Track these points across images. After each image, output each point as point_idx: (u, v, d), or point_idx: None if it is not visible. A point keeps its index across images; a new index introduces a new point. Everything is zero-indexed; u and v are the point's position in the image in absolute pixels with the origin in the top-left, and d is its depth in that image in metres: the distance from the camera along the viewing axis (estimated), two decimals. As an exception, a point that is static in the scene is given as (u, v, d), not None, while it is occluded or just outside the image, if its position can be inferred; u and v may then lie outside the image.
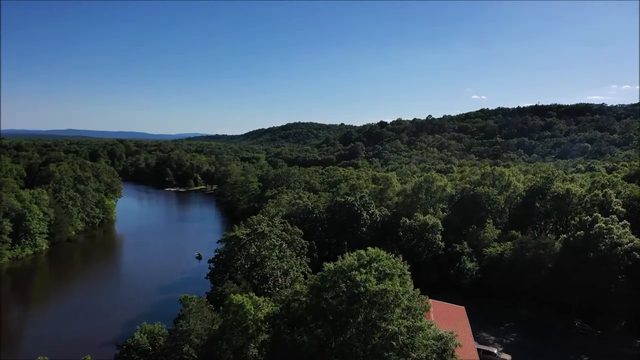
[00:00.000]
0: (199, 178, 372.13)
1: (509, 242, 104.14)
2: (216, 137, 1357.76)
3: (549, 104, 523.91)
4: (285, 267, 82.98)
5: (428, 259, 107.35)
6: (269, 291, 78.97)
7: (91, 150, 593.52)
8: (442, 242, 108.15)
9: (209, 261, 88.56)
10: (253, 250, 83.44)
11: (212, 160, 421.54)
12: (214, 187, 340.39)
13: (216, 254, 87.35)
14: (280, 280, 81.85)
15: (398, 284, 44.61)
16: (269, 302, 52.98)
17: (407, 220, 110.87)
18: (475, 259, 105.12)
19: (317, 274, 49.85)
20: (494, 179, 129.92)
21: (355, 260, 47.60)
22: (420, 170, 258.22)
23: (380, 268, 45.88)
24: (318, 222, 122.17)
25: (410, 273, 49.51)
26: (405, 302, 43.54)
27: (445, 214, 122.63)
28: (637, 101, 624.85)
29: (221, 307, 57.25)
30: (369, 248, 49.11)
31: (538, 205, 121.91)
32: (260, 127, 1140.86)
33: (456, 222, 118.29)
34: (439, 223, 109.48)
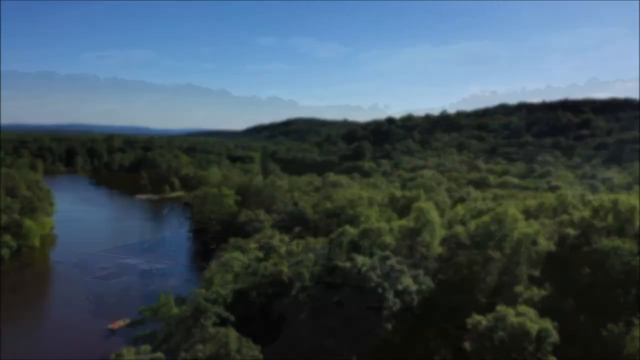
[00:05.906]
0: (176, 183, 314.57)
1: None
2: (217, 133, 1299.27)
3: (581, 98, 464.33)
4: None
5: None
6: None
7: (68, 148, 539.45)
8: (559, 372, 50.72)
9: None
10: None
11: (196, 161, 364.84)
12: (193, 194, 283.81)
13: None
14: None
15: None
16: None
17: (483, 321, 53.24)
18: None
19: None
20: (618, 218, 72.13)
21: None
22: (447, 180, 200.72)
23: None
24: (299, 305, 64.76)
25: None
26: None
27: (542, 293, 64.40)
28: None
29: None
30: None
31: None
32: (261, 123, 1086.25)
33: (566, 311, 61.05)
34: (550, 329, 51.89)
